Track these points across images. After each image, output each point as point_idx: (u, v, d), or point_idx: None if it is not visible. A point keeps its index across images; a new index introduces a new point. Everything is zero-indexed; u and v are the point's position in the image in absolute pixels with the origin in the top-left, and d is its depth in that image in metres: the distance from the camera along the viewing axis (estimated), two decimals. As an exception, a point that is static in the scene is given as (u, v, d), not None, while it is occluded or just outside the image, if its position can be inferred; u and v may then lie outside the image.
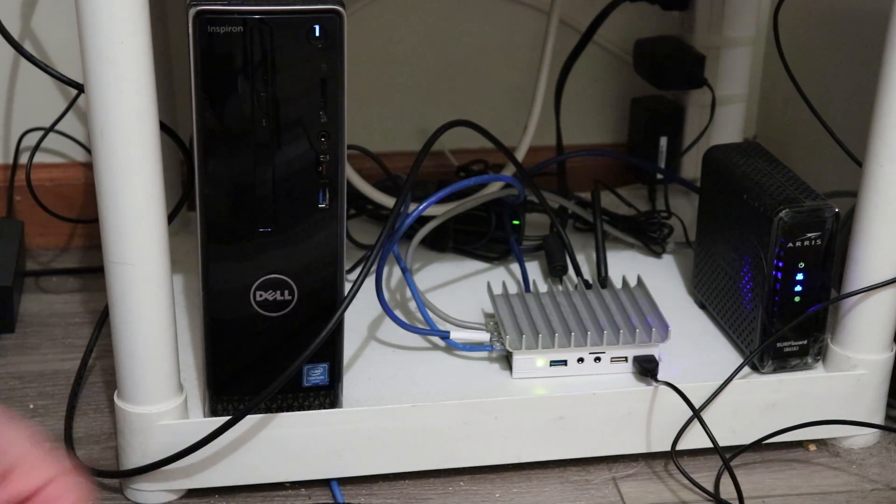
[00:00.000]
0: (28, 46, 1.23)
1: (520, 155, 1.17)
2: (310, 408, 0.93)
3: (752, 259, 0.99)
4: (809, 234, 0.96)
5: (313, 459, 0.94)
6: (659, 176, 1.30)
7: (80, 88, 0.94)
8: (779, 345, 0.99)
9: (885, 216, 0.94)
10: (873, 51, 0.93)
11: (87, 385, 1.08)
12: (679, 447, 0.98)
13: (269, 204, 0.86)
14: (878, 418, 1.03)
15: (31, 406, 1.05)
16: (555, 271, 1.15)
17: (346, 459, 0.95)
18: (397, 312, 1.04)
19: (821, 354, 1.01)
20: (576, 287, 1.08)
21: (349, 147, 0.94)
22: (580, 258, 1.16)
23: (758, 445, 1.01)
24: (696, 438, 0.98)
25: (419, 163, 1.01)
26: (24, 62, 1.23)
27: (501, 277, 1.16)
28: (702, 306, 1.11)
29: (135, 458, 0.91)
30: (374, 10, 1.29)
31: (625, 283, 1.08)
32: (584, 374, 1.00)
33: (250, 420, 0.91)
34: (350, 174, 1.12)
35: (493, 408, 0.96)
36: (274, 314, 0.90)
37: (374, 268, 0.94)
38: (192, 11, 0.80)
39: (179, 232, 1.18)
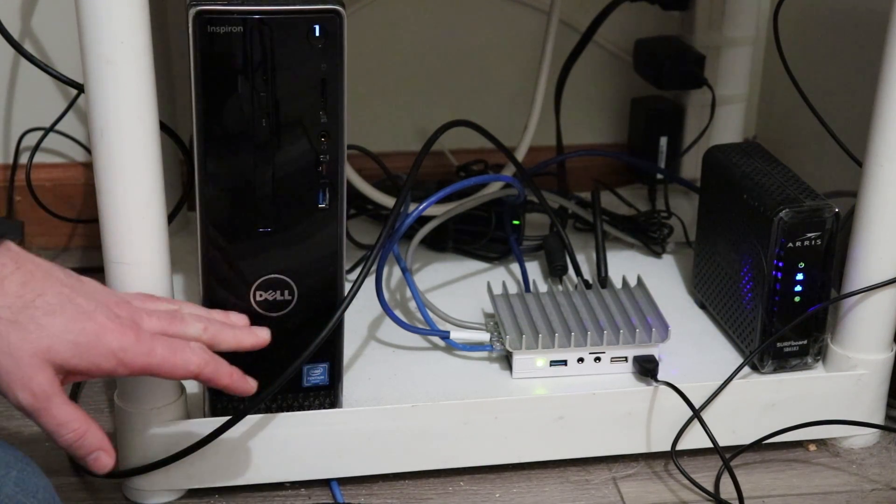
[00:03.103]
0: (28, 46, 1.23)
1: (520, 155, 1.17)
2: (310, 408, 0.93)
3: (752, 259, 0.99)
4: (809, 234, 0.96)
5: (313, 459, 0.94)
6: (659, 176, 1.30)
7: (80, 88, 0.94)
8: (779, 345, 0.99)
9: (885, 216, 0.94)
10: (873, 51, 0.93)
11: (87, 385, 1.08)
12: (679, 447, 0.98)
13: (269, 204, 0.86)
14: (878, 418, 1.03)
15: (31, 406, 1.05)
16: (555, 271, 1.15)
17: (346, 459, 0.95)
18: (397, 312, 1.04)
19: (821, 354, 1.01)
20: (576, 287, 1.08)
21: (349, 147, 0.94)
22: (580, 258, 1.16)
23: (758, 445, 1.01)
24: (696, 438, 0.98)
25: (419, 163, 1.01)
26: (24, 62, 1.23)
27: (501, 277, 1.16)
28: (702, 306, 1.11)
29: (135, 458, 0.91)
30: (374, 10, 1.29)
31: (625, 283, 1.08)
32: (584, 374, 1.00)
33: (250, 420, 0.91)
34: (350, 174, 1.12)
35: (493, 408, 0.96)
36: (274, 314, 0.90)
37: (374, 268, 0.94)
38: (192, 11, 0.80)
39: (179, 232, 1.18)
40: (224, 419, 0.89)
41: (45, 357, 0.70)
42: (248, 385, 0.81)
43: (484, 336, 1.02)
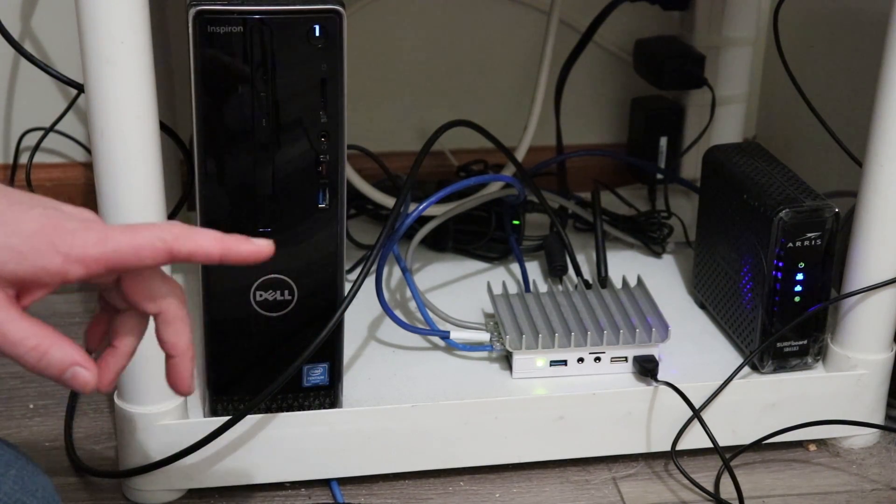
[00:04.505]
0: (28, 46, 1.23)
1: (520, 155, 1.17)
2: (310, 408, 0.93)
3: (752, 259, 0.99)
4: (809, 234, 0.96)
5: (313, 459, 0.94)
6: (659, 176, 1.30)
7: (80, 88, 0.94)
8: (779, 345, 0.99)
9: (885, 216, 0.94)
10: (873, 51, 0.93)
11: (87, 385, 1.08)
12: (679, 447, 0.98)
13: (269, 204, 0.86)
14: (878, 418, 1.03)
15: (31, 406, 1.05)
16: (555, 271, 1.15)
17: (346, 459, 0.95)
18: (397, 312, 1.04)
19: (821, 354, 1.02)
20: (576, 287, 1.08)
21: (349, 147, 0.94)
22: (580, 258, 1.16)
23: (758, 445, 1.01)
24: (696, 438, 0.98)
25: (419, 163, 1.01)
26: (24, 62, 1.23)
27: (501, 277, 1.16)
28: (702, 306, 1.11)
29: (135, 458, 0.92)
30: (374, 10, 1.29)
31: (625, 283, 1.08)
32: (584, 374, 1.00)
33: (250, 420, 0.91)
34: (350, 174, 1.12)
35: (493, 408, 0.96)
36: (274, 314, 0.90)
37: (374, 268, 0.94)
38: (192, 11, 0.80)
39: (179, 232, 1.18)
40: (224, 419, 0.89)
41: None
42: (251, 248, 0.66)
43: (484, 336, 1.02)
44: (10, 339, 0.59)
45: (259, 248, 0.65)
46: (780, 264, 0.97)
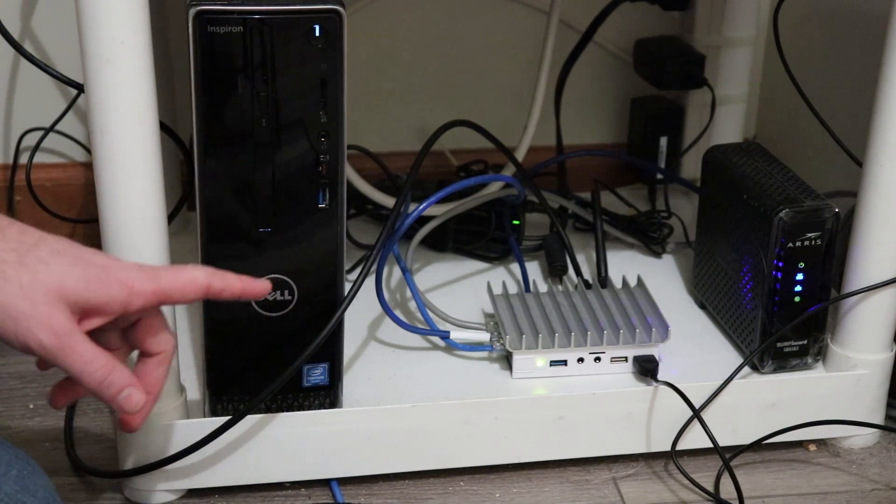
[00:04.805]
0: (28, 46, 1.23)
1: (520, 155, 1.17)
2: (310, 408, 0.93)
3: (752, 259, 0.99)
4: (809, 234, 0.96)
5: (313, 459, 0.94)
6: (659, 176, 1.30)
7: (80, 88, 0.94)
8: (779, 345, 0.99)
9: (885, 216, 0.94)
10: (873, 51, 0.93)
11: (87, 385, 1.08)
12: (679, 447, 0.98)
13: (269, 204, 0.86)
14: (878, 418, 1.03)
15: (31, 406, 1.05)
16: (555, 271, 1.15)
17: (346, 459, 0.95)
18: (397, 312, 1.04)
19: (821, 354, 1.02)
20: (576, 287, 1.08)
21: (349, 147, 0.94)
22: (580, 258, 1.16)
23: (758, 445, 1.01)
24: (696, 438, 0.98)
25: (419, 163, 1.01)
26: (24, 62, 1.23)
27: (501, 277, 1.16)
28: (702, 306, 1.11)
29: (135, 458, 0.92)
30: (374, 10, 1.29)
31: (625, 283, 1.08)
32: (584, 374, 1.00)
33: (250, 420, 0.91)
34: (350, 174, 1.12)
35: (493, 408, 0.96)
36: (274, 314, 0.90)
37: (374, 268, 0.94)
38: (192, 11, 0.80)
39: (179, 232, 1.18)
40: (224, 419, 0.89)
41: (58, 295, 0.68)
42: (262, 286, 0.78)
43: (484, 336, 1.02)
44: (83, 357, 0.69)
45: (265, 287, 0.78)
46: (780, 264, 0.97)
